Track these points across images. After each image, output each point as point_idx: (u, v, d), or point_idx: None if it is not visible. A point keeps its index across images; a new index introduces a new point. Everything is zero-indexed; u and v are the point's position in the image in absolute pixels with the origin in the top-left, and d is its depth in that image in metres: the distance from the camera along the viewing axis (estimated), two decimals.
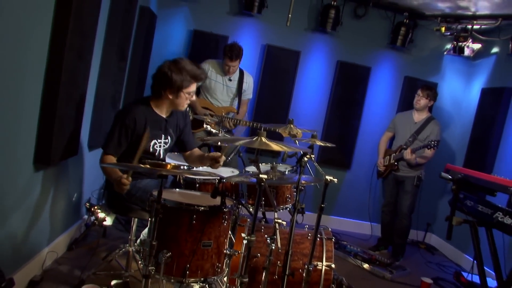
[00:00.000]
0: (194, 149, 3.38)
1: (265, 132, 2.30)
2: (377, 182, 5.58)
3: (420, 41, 5.71)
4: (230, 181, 3.29)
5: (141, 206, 2.97)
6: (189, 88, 2.96)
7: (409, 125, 4.99)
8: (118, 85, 4.16)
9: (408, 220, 4.94)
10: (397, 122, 5.16)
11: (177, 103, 3.01)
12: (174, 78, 2.90)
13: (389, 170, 5.08)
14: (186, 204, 2.42)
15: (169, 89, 2.95)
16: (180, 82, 2.91)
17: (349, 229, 5.83)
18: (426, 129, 4.88)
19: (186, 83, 2.93)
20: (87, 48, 3.14)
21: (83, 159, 3.74)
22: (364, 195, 5.81)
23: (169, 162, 2.40)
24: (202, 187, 3.33)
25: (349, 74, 5.65)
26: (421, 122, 4.93)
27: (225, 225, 2.52)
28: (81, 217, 4.01)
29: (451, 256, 5.44)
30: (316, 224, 2.63)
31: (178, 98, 2.98)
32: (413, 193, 4.92)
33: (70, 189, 3.59)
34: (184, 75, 2.91)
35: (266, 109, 5.55)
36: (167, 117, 3.11)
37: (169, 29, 5.36)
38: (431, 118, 4.96)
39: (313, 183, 2.89)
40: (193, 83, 2.97)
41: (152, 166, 2.14)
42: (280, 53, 5.51)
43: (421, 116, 4.97)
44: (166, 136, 3.14)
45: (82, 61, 3.08)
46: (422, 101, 4.90)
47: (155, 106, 3.05)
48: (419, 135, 4.88)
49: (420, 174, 4.91)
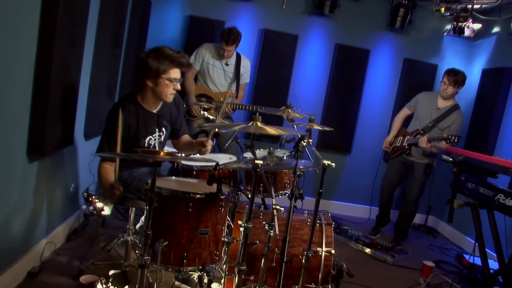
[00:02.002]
0: (184, 136, 3.33)
1: (261, 117, 2.25)
2: (380, 165, 5.52)
3: (419, 22, 5.63)
4: (228, 168, 3.26)
5: (137, 195, 2.93)
6: (168, 74, 2.85)
7: (432, 110, 4.71)
8: (113, 72, 4.10)
9: (415, 206, 4.86)
10: (420, 102, 4.86)
11: (159, 91, 2.89)
12: (151, 63, 2.81)
13: (399, 152, 4.90)
14: (182, 192, 2.39)
15: (147, 76, 2.86)
16: (156, 66, 2.82)
17: (350, 213, 5.81)
18: (449, 118, 4.61)
19: (164, 67, 2.82)
20: (79, 35, 3.08)
21: (79, 149, 3.70)
22: (364, 179, 5.78)
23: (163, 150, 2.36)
24: (200, 174, 3.30)
25: (348, 57, 5.58)
26: (445, 109, 4.65)
27: (222, 212, 2.49)
28: (80, 207, 3.99)
29: (452, 238, 5.42)
30: (314, 209, 2.59)
31: (158, 85, 2.86)
32: (422, 181, 4.77)
33: (67, 180, 3.56)
34: (161, 60, 2.82)
35: (265, 94, 5.49)
36: (158, 112, 3.04)
37: (164, 15, 5.28)
38: (456, 106, 4.66)
39: (311, 168, 2.85)
40: (173, 67, 2.85)
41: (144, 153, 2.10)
42: (278, 37, 5.44)
43: (446, 102, 4.68)
44: (160, 129, 3.08)
45: (74, 48, 3.02)
46: (449, 89, 4.57)
47: (142, 100, 2.97)
48: (440, 123, 4.63)
49: (431, 161, 4.73)
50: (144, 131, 2.97)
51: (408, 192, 4.88)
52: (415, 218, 5.24)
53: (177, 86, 2.91)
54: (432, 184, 5.49)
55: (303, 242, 2.88)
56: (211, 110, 4.59)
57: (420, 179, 4.78)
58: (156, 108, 3.04)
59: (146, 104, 2.98)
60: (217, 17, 5.31)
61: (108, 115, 2.90)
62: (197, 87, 4.81)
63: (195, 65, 4.76)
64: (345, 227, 5.03)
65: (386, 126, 5.65)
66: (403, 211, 4.95)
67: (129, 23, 4.36)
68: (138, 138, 2.95)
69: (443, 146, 4.50)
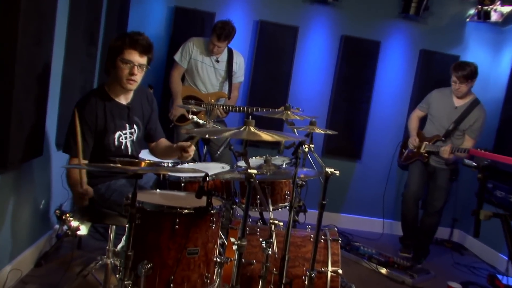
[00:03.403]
0: (161, 139, 3.37)
1: (254, 121, 2.27)
2: (394, 172, 5.54)
3: (437, 7, 5.66)
4: (220, 178, 3.27)
5: (117, 211, 2.95)
6: (123, 54, 2.91)
7: (448, 110, 4.73)
8: (88, 73, 4.13)
9: (439, 217, 4.89)
10: (433, 103, 4.89)
11: (117, 75, 2.97)
12: (111, 44, 2.96)
13: (415, 159, 4.94)
14: (168, 206, 2.39)
15: (109, 59, 2.98)
16: (113, 47, 2.94)
17: (362, 227, 5.83)
18: (470, 116, 4.62)
19: (119, 46, 2.91)
20: (46, 32, 3.11)
21: (50, 160, 3.72)
22: (378, 188, 5.80)
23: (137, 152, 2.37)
24: (188, 186, 3.31)
25: (356, 50, 5.62)
26: (464, 107, 4.67)
27: (213, 229, 2.50)
28: (51, 227, 3.99)
29: (483, 256, 5.42)
30: (317, 224, 2.61)
31: (115, 68, 2.95)
32: (447, 189, 4.81)
33: (36, 196, 3.57)
34: (119, 40, 2.93)
35: (262, 94, 5.53)
36: (128, 104, 3.11)
37: (147, 6, 5.32)
38: (475, 102, 4.68)
39: (313, 176, 2.87)
40: (127, 47, 2.91)
41: (123, 164, 2.12)
42: (275, 29, 5.48)
43: (464, 99, 4.72)
44: (131, 125, 3.13)
45: (41, 47, 3.05)
46: (462, 88, 4.60)
47: (109, 91, 3.05)
48: (461, 124, 4.65)
49: (456, 166, 4.76)
50: (113, 125, 3.02)
51: (431, 201, 4.90)
52: (438, 232, 5.24)
53: (133, 70, 2.94)
54: (457, 192, 5.51)
55: (305, 261, 2.89)
56: (201, 114, 4.62)
57: (445, 187, 4.81)
58: (126, 100, 3.11)
59: (113, 93, 3.06)
60: (206, 8, 5.36)
61: (78, 107, 2.97)
62: (184, 88, 4.84)
63: (182, 63, 4.79)
64: (356, 243, 5.04)
65: (401, 128, 5.68)
66: (425, 223, 4.96)
67: (106, 17, 4.39)
68: (107, 133, 3.00)
69: (467, 145, 4.57)
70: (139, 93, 3.20)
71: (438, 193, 4.83)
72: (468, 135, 4.67)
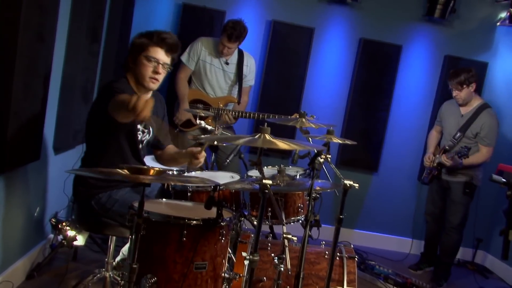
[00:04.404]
0: (169, 146, 3.40)
1: (269, 128, 2.30)
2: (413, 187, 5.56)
3: (465, 10, 5.66)
4: (229, 189, 3.30)
5: (119, 222, 2.99)
6: (148, 51, 2.95)
7: (456, 119, 4.87)
8: (90, 72, 4.18)
9: (457, 234, 4.93)
10: (444, 115, 5.06)
11: (138, 73, 3.00)
12: (134, 40, 3.02)
13: (431, 175, 5.06)
14: (175, 217, 2.42)
15: (130, 55, 3.03)
16: (138, 43, 2.98)
17: (378, 245, 5.83)
18: (476, 122, 4.73)
19: (146, 42, 2.96)
20: (48, 27, 3.15)
21: (47, 165, 3.76)
22: (396, 203, 5.82)
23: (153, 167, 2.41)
24: (195, 196, 3.34)
25: (375, 54, 5.66)
26: (470, 113, 4.79)
27: (222, 242, 2.53)
28: (45, 236, 4.02)
29: (510, 280, 5.40)
30: (333, 240, 2.64)
31: (138, 65, 2.98)
32: (463, 203, 4.86)
33: (30, 203, 3.59)
34: (144, 36, 2.98)
35: (273, 100, 5.57)
36: None
37: (152, 3, 5.37)
38: (483, 106, 4.79)
39: (329, 189, 2.90)
40: (152, 45, 2.96)
41: (131, 172, 2.15)
42: (289, 30, 5.53)
43: (469, 106, 4.83)
44: (145, 127, 3.17)
45: (43, 43, 3.09)
46: (461, 94, 4.74)
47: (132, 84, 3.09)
48: (467, 131, 4.76)
49: (470, 179, 4.82)
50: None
51: (447, 217, 4.97)
52: (460, 253, 5.26)
53: (158, 69, 2.98)
54: (480, 210, 5.51)
55: (319, 280, 2.92)
56: (209, 119, 4.65)
57: (459, 201, 4.86)
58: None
59: (135, 88, 3.08)
60: (216, 6, 5.41)
61: (112, 85, 2.99)
62: (191, 91, 4.88)
63: (189, 64, 4.83)
64: (371, 262, 5.05)
65: (422, 138, 5.69)
66: (444, 241, 5.02)
67: (109, 13, 4.43)
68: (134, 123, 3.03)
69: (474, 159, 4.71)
70: (155, 95, 3.22)
71: (454, 207, 4.90)
72: (480, 143, 4.75)
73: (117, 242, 3.64)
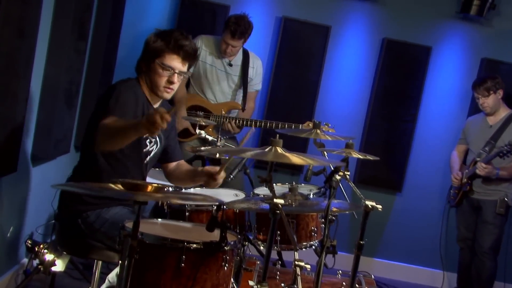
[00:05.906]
0: (180, 162, 3.42)
1: (281, 141, 2.32)
2: (442, 209, 5.56)
3: (506, 6, 5.65)
4: (233, 208, 3.32)
5: (107, 245, 2.99)
6: (163, 58, 2.98)
7: (483, 131, 5.03)
8: (76, 73, 4.19)
9: (490, 260, 4.94)
10: (468, 130, 5.23)
11: (151, 80, 3.04)
12: (149, 42, 3.03)
13: (461, 193, 5.09)
14: (172, 239, 2.43)
15: (143, 59, 3.06)
16: (153, 47, 3.01)
17: (402, 277, 5.83)
18: (507, 130, 4.89)
19: (162, 48, 2.98)
20: (30, 21, 3.17)
21: (24, 178, 3.77)
22: (422, 227, 5.80)
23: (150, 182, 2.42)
24: (194, 216, 3.35)
25: (400, 57, 5.69)
26: (499, 123, 4.97)
27: (225, 269, 2.54)
28: (18, 261, 4.02)
29: None
30: (352, 269, 2.65)
31: (151, 71, 3.02)
32: (496, 224, 4.91)
33: (3, 221, 3.59)
34: (160, 40, 3.00)
35: (282, 107, 5.59)
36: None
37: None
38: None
39: (348, 210, 2.92)
40: (170, 52, 2.99)
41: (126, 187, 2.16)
42: (302, 28, 5.57)
43: (498, 116, 5.02)
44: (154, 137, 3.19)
45: (23, 39, 3.11)
46: (487, 102, 4.94)
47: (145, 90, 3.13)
48: (498, 140, 4.89)
49: (505, 196, 4.87)
50: None
51: (478, 242, 5.00)
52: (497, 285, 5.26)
53: (173, 78, 3.02)
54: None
55: None
56: (209, 128, 4.66)
57: (491, 221, 4.91)
58: (156, 104, 3.17)
59: (148, 94, 3.13)
60: (219, 0, 5.44)
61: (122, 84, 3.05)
62: (190, 96, 4.89)
63: None
64: None
65: None
66: (476, 268, 5.05)
67: (98, 6, 4.45)
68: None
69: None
70: (165, 103, 3.27)
71: (485, 229, 4.94)
72: None
73: (102, 269, 3.65)
